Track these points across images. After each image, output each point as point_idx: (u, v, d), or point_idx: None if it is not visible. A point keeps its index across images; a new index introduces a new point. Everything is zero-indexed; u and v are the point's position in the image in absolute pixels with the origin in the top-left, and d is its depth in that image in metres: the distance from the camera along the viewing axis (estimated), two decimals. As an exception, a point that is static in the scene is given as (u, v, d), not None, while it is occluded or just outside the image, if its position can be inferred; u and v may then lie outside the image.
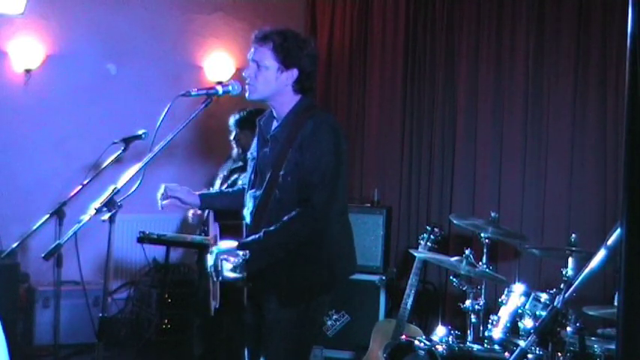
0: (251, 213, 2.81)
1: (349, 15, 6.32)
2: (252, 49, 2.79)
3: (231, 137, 4.47)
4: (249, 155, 3.01)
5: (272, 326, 2.77)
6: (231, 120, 4.41)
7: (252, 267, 2.61)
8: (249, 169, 2.95)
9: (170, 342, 5.28)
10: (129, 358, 5.21)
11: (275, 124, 2.86)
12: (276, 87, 2.76)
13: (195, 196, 3.03)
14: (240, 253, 2.50)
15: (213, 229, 2.89)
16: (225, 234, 2.78)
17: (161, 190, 2.95)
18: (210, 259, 2.76)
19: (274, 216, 2.70)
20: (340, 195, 2.80)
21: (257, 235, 2.67)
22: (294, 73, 2.75)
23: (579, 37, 5.21)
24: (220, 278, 2.64)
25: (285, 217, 2.67)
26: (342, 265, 2.87)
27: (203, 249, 4.20)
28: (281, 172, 2.70)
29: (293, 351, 2.79)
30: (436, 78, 5.84)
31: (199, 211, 4.57)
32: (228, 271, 2.55)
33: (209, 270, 2.78)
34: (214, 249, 2.72)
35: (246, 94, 2.81)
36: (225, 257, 2.58)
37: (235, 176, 4.43)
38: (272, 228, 2.66)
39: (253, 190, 2.85)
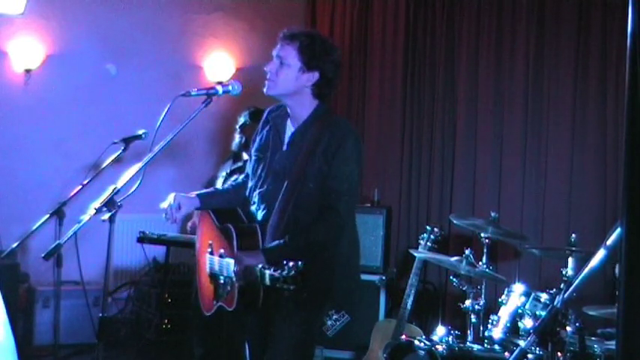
0: (264, 215, 2.80)
1: (349, 15, 6.32)
2: (279, 46, 2.79)
3: (238, 125, 4.50)
4: (252, 152, 2.99)
5: (281, 326, 2.76)
6: (246, 112, 4.46)
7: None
8: (255, 164, 2.92)
9: (170, 342, 5.27)
10: (129, 358, 5.21)
11: (289, 123, 2.86)
12: (296, 86, 2.77)
13: (194, 199, 2.98)
14: (291, 264, 2.39)
15: (223, 231, 2.83)
16: (243, 238, 2.72)
17: (169, 202, 2.91)
18: (230, 264, 2.69)
19: (293, 221, 2.69)
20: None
21: (281, 241, 2.65)
22: (315, 75, 2.76)
23: (579, 37, 5.22)
24: (241, 284, 2.60)
25: (310, 224, 2.68)
26: (352, 270, 2.91)
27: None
28: (303, 178, 2.70)
29: (299, 351, 2.80)
30: (436, 78, 5.84)
31: (197, 222, 4.55)
32: (271, 280, 2.42)
33: (227, 275, 2.71)
34: (226, 256, 2.70)
35: (264, 89, 2.80)
36: (266, 266, 2.48)
37: (235, 176, 4.42)
38: (296, 234, 2.66)
39: (264, 189, 2.84)
